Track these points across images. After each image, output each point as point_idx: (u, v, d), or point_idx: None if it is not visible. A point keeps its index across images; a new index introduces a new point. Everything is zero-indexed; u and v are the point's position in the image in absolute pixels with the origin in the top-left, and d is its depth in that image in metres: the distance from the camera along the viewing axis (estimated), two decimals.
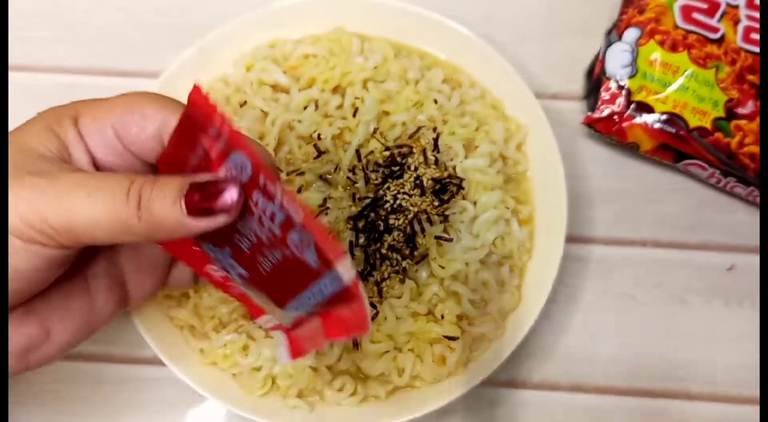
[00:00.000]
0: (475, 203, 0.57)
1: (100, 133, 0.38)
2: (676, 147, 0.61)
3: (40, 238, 0.34)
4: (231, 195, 0.33)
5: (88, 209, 0.33)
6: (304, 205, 0.32)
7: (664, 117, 0.61)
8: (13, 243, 0.34)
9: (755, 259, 0.62)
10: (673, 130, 0.61)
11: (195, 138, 0.34)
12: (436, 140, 0.58)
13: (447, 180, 0.57)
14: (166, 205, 0.33)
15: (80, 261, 0.40)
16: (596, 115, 0.62)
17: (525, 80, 0.61)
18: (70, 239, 0.34)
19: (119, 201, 0.33)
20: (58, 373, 0.59)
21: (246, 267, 0.38)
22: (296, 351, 0.41)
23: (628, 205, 0.64)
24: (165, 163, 0.38)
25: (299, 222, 0.32)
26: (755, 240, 0.63)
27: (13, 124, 0.65)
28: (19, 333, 0.37)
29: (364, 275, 0.55)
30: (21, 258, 0.34)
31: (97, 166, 0.38)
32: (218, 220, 0.33)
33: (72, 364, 0.59)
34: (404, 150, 0.58)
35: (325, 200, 0.56)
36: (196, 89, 0.32)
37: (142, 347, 0.57)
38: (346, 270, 0.33)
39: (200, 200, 0.33)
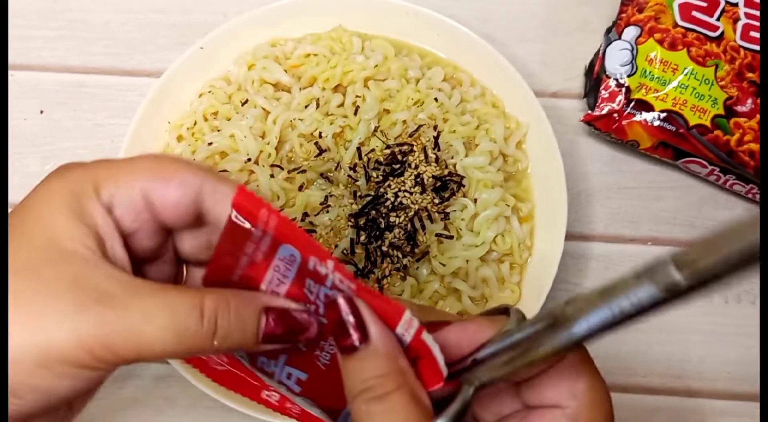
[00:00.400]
0: (475, 201, 0.58)
1: (129, 200, 0.35)
2: (676, 144, 0.62)
3: (103, 366, 0.32)
4: (311, 328, 0.34)
5: (161, 341, 0.31)
6: (351, 275, 0.32)
7: (663, 115, 0.61)
8: (75, 372, 0.32)
9: None
10: (673, 128, 0.61)
11: (239, 247, 0.33)
12: (436, 138, 0.58)
13: (447, 177, 0.57)
14: (245, 337, 0.33)
15: None
16: (596, 113, 0.63)
17: (525, 79, 0.61)
18: (134, 362, 0.32)
19: (195, 332, 0.32)
20: None
21: (304, 369, 0.36)
22: None
23: (627, 203, 0.65)
24: (212, 276, 0.35)
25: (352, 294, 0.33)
26: None
27: (14, 121, 0.66)
28: (54, 416, 0.36)
29: (365, 272, 0.55)
30: (79, 381, 0.32)
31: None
32: (293, 345, 0.34)
33: None
34: (405, 148, 0.58)
35: (326, 198, 0.57)
36: (241, 190, 0.32)
37: None
38: (404, 330, 0.32)
39: (282, 334, 0.33)
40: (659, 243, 0.63)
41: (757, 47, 0.62)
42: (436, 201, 0.57)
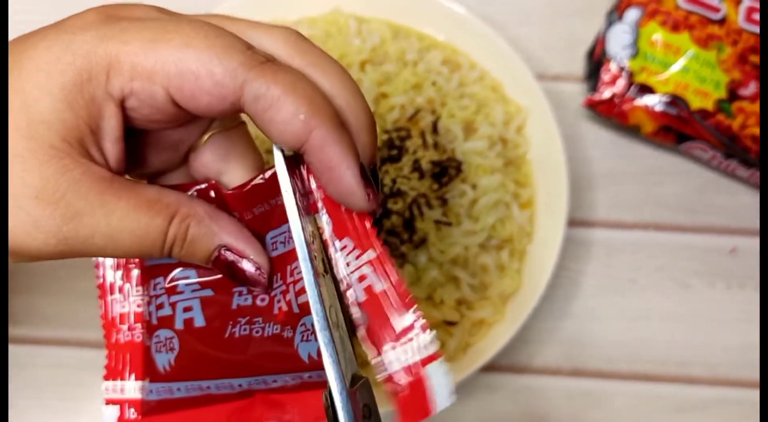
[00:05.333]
0: (474, 186, 0.57)
1: (147, 95, 0.30)
2: (678, 129, 0.61)
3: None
4: (258, 285, 0.32)
5: (122, 255, 0.31)
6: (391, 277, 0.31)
7: (665, 98, 0.60)
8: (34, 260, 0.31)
9: (757, 242, 0.62)
10: (675, 112, 0.60)
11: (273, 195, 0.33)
12: (435, 123, 0.57)
13: (446, 163, 0.56)
14: (193, 261, 0.32)
15: None
16: (597, 97, 0.62)
17: (525, 62, 0.60)
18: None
19: (155, 254, 0.31)
20: (57, 359, 0.59)
21: (208, 318, 0.34)
22: None
23: (629, 188, 0.64)
24: (239, 197, 0.33)
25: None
26: (757, 223, 0.62)
27: None
28: None
29: None
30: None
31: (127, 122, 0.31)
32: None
33: (71, 351, 0.59)
34: (402, 133, 0.57)
35: None
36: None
37: None
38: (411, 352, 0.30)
39: (228, 272, 0.32)
40: (661, 228, 0.62)
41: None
42: (435, 187, 0.56)
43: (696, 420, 0.58)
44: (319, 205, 0.32)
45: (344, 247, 0.31)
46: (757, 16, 0.61)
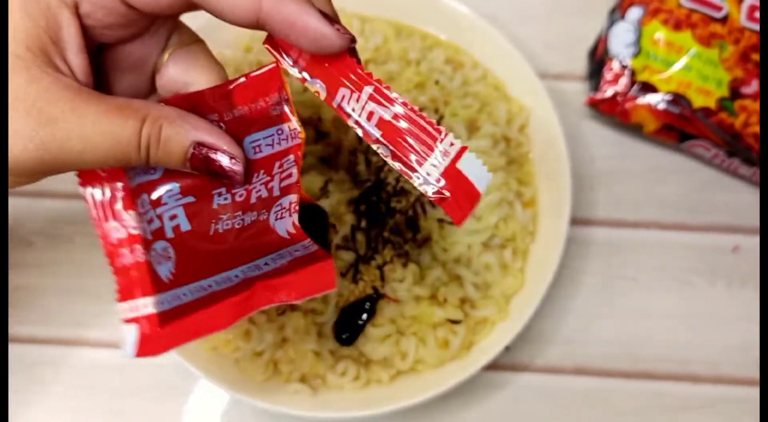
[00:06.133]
0: None
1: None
2: (680, 127, 0.61)
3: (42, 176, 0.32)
4: (236, 177, 0.33)
5: (100, 163, 0.31)
6: (389, 98, 0.32)
7: (668, 97, 0.60)
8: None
9: (759, 240, 0.62)
10: (677, 110, 0.60)
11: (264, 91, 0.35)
12: (438, 122, 0.57)
13: None
14: (170, 163, 0.33)
15: None
16: (599, 95, 0.62)
17: (527, 60, 0.60)
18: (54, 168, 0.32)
19: (132, 159, 0.32)
20: (58, 359, 0.58)
21: (193, 221, 0.36)
22: (148, 348, 0.37)
23: (631, 187, 0.64)
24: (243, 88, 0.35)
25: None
26: (759, 222, 0.62)
27: None
28: None
29: (366, 259, 0.54)
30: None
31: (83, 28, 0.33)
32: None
33: (72, 350, 0.59)
34: None
35: (326, 183, 0.56)
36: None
37: None
38: (441, 157, 0.32)
39: (205, 172, 0.33)
40: (663, 227, 0.63)
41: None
42: None
43: (697, 417, 0.58)
44: (305, 73, 0.34)
45: (343, 98, 0.33)
46: (758, 15, 0.61)
